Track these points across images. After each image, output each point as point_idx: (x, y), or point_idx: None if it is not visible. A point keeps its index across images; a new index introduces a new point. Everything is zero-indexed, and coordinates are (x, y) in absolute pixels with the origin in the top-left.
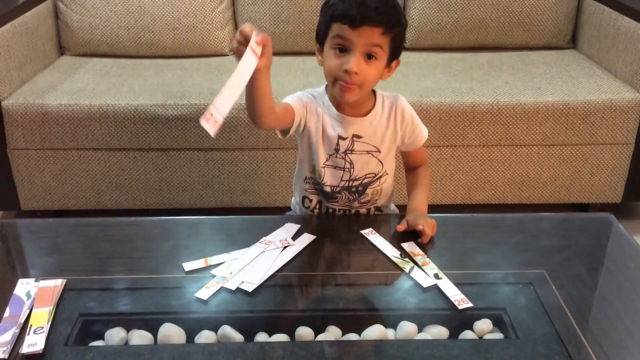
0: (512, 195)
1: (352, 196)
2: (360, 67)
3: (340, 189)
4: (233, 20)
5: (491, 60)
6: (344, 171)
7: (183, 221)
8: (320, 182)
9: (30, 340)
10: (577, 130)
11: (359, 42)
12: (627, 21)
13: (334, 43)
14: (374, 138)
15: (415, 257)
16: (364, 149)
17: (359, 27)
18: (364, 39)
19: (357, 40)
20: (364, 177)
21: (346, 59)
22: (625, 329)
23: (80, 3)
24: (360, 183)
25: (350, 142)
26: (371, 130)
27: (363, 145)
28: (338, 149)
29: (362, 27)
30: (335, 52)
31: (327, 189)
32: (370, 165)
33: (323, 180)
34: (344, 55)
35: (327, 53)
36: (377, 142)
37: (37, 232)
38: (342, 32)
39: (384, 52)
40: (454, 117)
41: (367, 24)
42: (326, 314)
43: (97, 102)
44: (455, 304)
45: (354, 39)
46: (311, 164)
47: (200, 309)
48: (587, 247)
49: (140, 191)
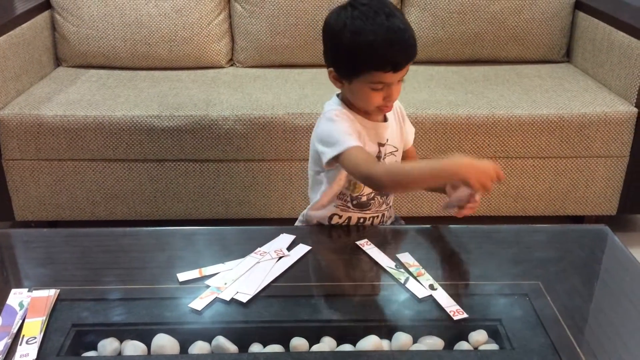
0: (508, 207)
1: (381, 199)
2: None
3: (373, 194)
4: (230, 33)
5: (486, 73)
6: None
7: (178, 232)
8: (358, 194)
9: (22, 351)
10: (572, 143)
11: (396, 78)
12: (621, 35)
13: (372, 86)
14: (395, 139)
15: (411, 268)
16: (390, 151)
17: (403, 68)
18: (402, 73)
19: (397, 76)
20: None
21: (386, 92)
22: (621, 340)
23: (77, 15)
24: None
25: (386, 146)
26: (395, 132)
27: (390, 147)
28: (380, 157)
29: (405, 67)
30: (372, 91)
31: (364, 198)
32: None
33: (362, 191)
34: (383, 89)
35: (362, 89)
36: (397, 142)
37: (31, 242)
38: (383, 79)
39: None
40: (449, 130)
41: (409, 61)
42: (321, 325)
43: (93, 113)
44: (451, 314)
45: (395, 79)
46: (349, 179)
47: (194, 319)
48: (583, 259)
49: (136, 202)
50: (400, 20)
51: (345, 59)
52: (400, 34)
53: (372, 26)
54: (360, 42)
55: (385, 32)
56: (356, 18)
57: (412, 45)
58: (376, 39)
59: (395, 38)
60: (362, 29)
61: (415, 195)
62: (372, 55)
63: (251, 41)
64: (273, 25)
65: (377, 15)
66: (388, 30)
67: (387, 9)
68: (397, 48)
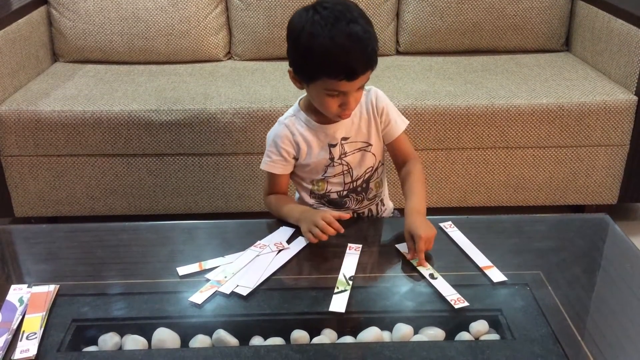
0: (508, 198)
1: (359, 196)
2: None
3: (346, 192)
4: (227, 26)
5: (485, 63)
6: (344, 175)
7: (177, 226)
8: (324, 193)
9: (22, 346)
10: (572, 132)
11: (354, 86)
12: (620, 23)
13: (327, 92)
14: (361, 134)
15: (411, 260)
16: (356, 148)
17: (359, 77)
18: (360, 82)
19: (355, 85)
20: (364, 174)
21: (342, 99)
22: (622, 328)
23: (74, 10)
24: (363, 180)
25: (340, 146)
26: (355, 128)
27: (353, 145)
28: (333, 157)
29: (362, 76)
30: (328, 97)
31: (334, 195)
32: (366, 161)
33: (327, 190)
34: (339, 97)
35: (318, 94)
36: (366, 137)
37: (31, 238)
38: (337, 87)
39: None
40: (448, 120)
41: (367, 71)
42: (321, 317)
43: (91, 108)
44: (452, 303)
45: (351, 88)
46: (311, 180)
47: (194, 313)
48: (583, 248)
49: (135, 197)
50: (362, 27)
51: (302, 62)
52: (358, 42)
53: (330, 32)
54: (315, 47)
55: (342, 39)
56: (316, 22)
57: (369, 55)
58: (331, 45)
59: (351, 46)
60: (319, 34)
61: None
62: (326, 62)
63: (249, 34)
64: (270, 18)
65: (338, 21)
66: (346, 37)
67: (351, 14)
68: (352, 56)
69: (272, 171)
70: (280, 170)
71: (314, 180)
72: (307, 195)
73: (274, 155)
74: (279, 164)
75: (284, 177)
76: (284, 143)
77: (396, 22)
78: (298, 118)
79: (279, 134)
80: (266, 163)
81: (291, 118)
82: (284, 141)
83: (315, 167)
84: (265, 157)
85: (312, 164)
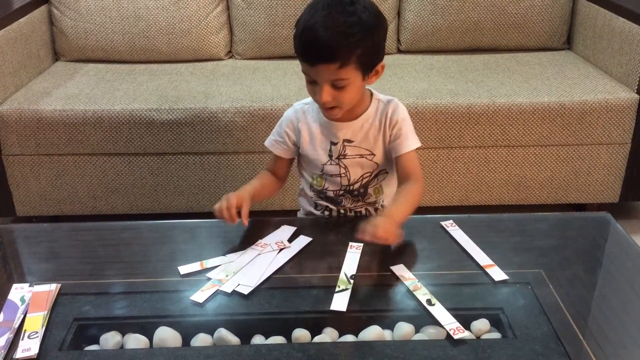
0: (509, 196)
1: (355, 199)
2: (330, 96)
3: (342, 192)
4: (228, 25)
5: (487, 61)
6: (341, 177)
7: (179, 225)
8: (322, 189)
9: (24, 345)
10: (574, 131)
11: (321, 78)
12: (621, 21)
13: (304, 74)
14: (366, 142)
15: (406, 282)
16: (357, 153)
17: (315, 66)
18: (324, 75)
19: (318, 76)
20: (361, 179)
21: (317, 89)
22: (624, 327)
23: (75, 9)
24: (360, 185)
25: (341, 147)
26: (362, 134)
27: (356, 150)
28: (332, 155)
29: (318, 66)
30: (307, 81)
31: (331, 193)
32: (365, 167)
33: (324, 187)
34: (315, 85)
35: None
36: (370, 145)
37: (32, 237)
38: (305, 69)
39: (352, 75)
40: (450, 119)
41: (321, 63)
42: (323, 316)
43: (92, 107)
44: (451, 333)
45: (315, 75)
46: (311, 173)
47: (196, 312)
48: (585, 247)
49: (136, 196)
50: (338, 20)
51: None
52: (320, 30)
53: (307, 16)
54: (296, 26)
55: (310, 25)
56: (309, 7)
57: (323, 46)
58: (300, 27)
59: (310, 32)
60: (301, 17)
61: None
62: (295, 41)
63: (250, 33)
64: (271, 17)
65: (323, 9)
66: (314, 24)
67: (341, 6)
68: (308, 42)
69: (271, 150)
70: (279, 152)
71: (314, 175)
72: (308, 187)
73: (277, 135)
74: (279, 145)
75: (282, 160)
76: (287, 127)
77: (397, 21)
78: (312, 107)
79: (287, 116)
80: (269, 140)
81: (305, 105)
82: (288, 124)
83: (313, 161)
84: (271, 135)
85: (310, 156)
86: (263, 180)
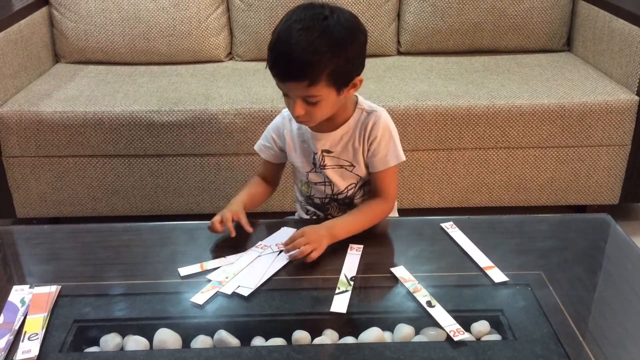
0: (509, 198)
1: (342, 207)
2: (303, 110)
3: (329, 200)
4: (228, 26)
5: (486, 63)
6: (325, 185)
7: (179, 227)
8: (309, 195)
9: (24, 347)
10: (574, 132)
11: (292, 93)
12: (621, 23)
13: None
14: (346, 153)
15: (406, 284)
16: (337, 164)
17: (285, 83)
18: (295, 92)
19: (290, 92)
20: (346, 190)
21: (290, 102)
22: (624, 329)
23: (75, 10)
24: (346, 196)
25: (320, 157)
26: (341, 145)
27: (335, 160)
28: (315, 164)
29: (288, 83)
30: (283, 93)
31: (317, 201)
32: (347, 178)
33: (311, 193)
34: (289, 98)
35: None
36: (350, 157)
37: (33, 239)
38: (277, 83)
39: (324, 92)
40: (450, 121)
41: (291, 80)
42: (323, 318)
43: (93, 109)
44: (451, 334)
45: (287, 90)
46: (300, 179)
47: (196, 313)
48: (585, 248)
49: (137, 198)
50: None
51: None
52: (289, 47)
53: (281, 27)
54: (272, 34)
55: (282, 39)
56: (286, 16)
57: (291, 64)
58: (274, 39)
59: (281, 48)
60: (278, 25)
61: (415, 187)
62: (268, 52)
63: (250, 34)
64: (272, 18)
65: (296, 22)
66: (286, 39)
67: (314, 21)
68: (278, 58)
69: (259, 154)
70: (267, 156)
71: (302, 181)
72: (298, 192)
73: (265, 140)
74: (267, 150)
75: (271, 164)
76: (274, 133)
77: (397, 23)
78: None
79: (275, 122)
80: (259, 144)
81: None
82: (275, 131)
83: (298, 168)
84: (260, 139)
85: (295, 163)
86: (251, 190)
